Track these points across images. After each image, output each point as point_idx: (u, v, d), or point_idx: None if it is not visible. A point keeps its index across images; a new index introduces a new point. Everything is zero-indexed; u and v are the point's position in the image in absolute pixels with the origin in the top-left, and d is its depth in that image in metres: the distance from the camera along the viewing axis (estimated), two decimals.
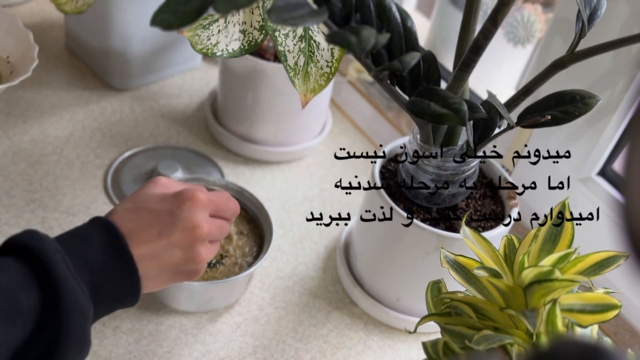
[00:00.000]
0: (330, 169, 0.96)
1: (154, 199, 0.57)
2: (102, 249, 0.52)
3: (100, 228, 0.54)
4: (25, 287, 0.48)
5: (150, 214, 0.56)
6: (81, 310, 0.49)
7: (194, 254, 0.57)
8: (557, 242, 0.54)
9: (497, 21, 0.56)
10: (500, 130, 0.65)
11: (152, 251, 0.55)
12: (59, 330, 0.48)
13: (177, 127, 0.96)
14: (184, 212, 0.56)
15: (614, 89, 0.73)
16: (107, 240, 0.53)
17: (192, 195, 0.57)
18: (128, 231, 0.54)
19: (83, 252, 0.52)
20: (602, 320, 0.51)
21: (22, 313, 0.47)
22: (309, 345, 0.72)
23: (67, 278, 0.49)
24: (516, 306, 0.51)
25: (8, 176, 0.84)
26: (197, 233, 0.56)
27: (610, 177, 0.79)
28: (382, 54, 0.61)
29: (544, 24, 0.96)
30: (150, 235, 0.55)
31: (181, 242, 0.56)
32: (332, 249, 0.84)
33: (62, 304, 0.48)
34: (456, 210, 0.71)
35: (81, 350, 0.50)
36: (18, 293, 0.47)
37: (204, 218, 0.57)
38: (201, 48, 0.68)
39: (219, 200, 0.60)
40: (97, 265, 0.52)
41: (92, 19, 0.94)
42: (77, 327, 0.49)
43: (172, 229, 0.56)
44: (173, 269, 0.57)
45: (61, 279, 0.49)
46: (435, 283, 0.59)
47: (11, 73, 0.80)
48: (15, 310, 0.47)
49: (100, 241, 0.53)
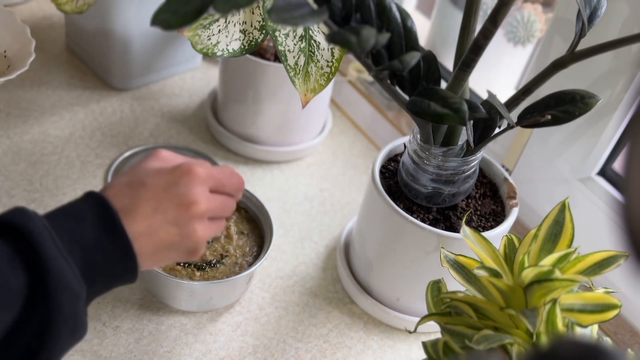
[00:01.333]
0: (330, 168, 0.96)
1: (151, 173, 0.54)
2: (94, 225, 0.50)
3: (93, 203, 0.51)
4: (13, 266, 0.46)
5: (145, 188, 0.53)
6: (71, 290, 0.47)
7: (189, 231, 0.54)
8: (557, 241, 0.54)
9: (497, 21, 0.56)
10: (500, 130, 0.65)
11: (147, 227, 0.52)
12: (49, 311, 0.46)
13: (178, 127, 0.96)
14: (181, 187, 0.53)
15: (614, 89, 0.73)
16: (99, 216, 0.50)
17: (190, 169, 0.54)
18: (122, 207, 0.52)
19: (73, 229, 0.49)
20: (602, 320, 0.51)
21: (10, 294, 0.45)
22: (309, 344, 0.72)
23: (55, 257, 0.47)
24: (516, 306, 0.51)
25: (8, 176, 0.84)
26: (193, 209, 0.53)
27: (610, 177, 0.79)
28: (382, 54, 0.61)
29: (544, 23, 0.96)
30: (145, 211, 0.52)
31: (177, 218, 0.53)
32: (332, 249, 0.84)
33: (50, 284, 0.46)
34: (456, 210, 0.71)
35: (75, 331, 0.48)
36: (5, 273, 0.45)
37: (201, 193, 0.54)
38: (201, 48, 0.68)
39: (221, 175, 0.57)
40: (89, 242, 0.49)
41: (92, 19, 0.94)
42: (68, 307, 0.47)
43: (168, 205, 0.53)
44: (169, 247, 0.54)
45: (48, 258, 0.46)
46: (435, 283, 0.59)
47: (8, 67, 0.80)
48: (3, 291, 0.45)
49: (92, 217, 0.50)
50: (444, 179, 0.68)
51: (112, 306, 0.72)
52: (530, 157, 0.83)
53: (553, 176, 0.81)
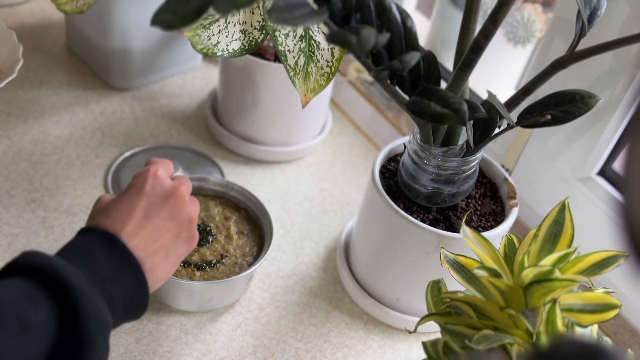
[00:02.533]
0: (330, 168, 0.96)
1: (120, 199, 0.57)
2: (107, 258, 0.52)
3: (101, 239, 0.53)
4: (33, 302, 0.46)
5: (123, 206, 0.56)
6: (102, 319, 0.48)
7: (187, 216, 0.58)
8: (557, 241, 0.54)
9: (497, 21, 0.56)
10: (500, 130, 0.65)
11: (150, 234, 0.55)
12: (82, 343, 0.47)
13: (178, 127, 0.96)
14: (156, 188, 0.57)
15: (614, 89, 0.73)
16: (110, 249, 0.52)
17: (147, 171, 0.58)
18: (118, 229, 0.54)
19: (90, 263, 0.51)
20: (602, 320, 0.51)
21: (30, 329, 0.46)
22: (309, 344, 0.72)
23: (83, 288, 0.48)
24: (516, 306, 0.51)
25: (9, 176, 0.84)
26: (179, 196, 0.58)
27: (610, 177, 0.79)
28: (382, 54, 0.61)
29: (544, 23, 0.96)
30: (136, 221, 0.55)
31: (171, 212, 0.57)
32: (332, 249, 0.84)
33: (83, 315, 0.47)
34: (456, 210, 0.71)
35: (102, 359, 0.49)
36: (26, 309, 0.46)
37: (172, 183, 0.59)
38: (202, 48, 0.68)
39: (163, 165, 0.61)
40: (107, 274, 0.51)
41: (93, 19, 0.94)
42: (99, 336, 0.48)
43: (156, 207, 0.56)
44: (174, 243, 0.57)
45: (79, 289, 0.47)
46: (435, 283, 0.59)
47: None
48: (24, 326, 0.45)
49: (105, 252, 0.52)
50: (444, 179, 0.68)
51: None
52: (530, 157, 0.83)
53: (553, 176, 0.81)
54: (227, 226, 0.76)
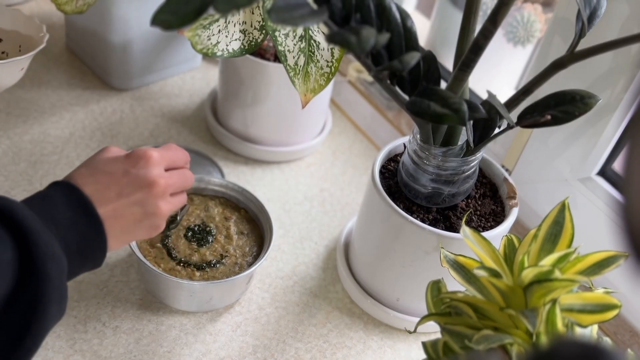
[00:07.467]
0: (330, 168, 0.96)
1: (107, 162, 0.59)
2: (67, 206, 0.54)
3: (62, 189, 0.55)
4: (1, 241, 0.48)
5: (106, 176, 0.57)
6: (58, 260, 0.50)
7: (154, 209, 0.59)
8: (557, 242, 0.54)
9: (497, 21, 0.56)
10: (500, 130, 0.65)
11: (113, 211, 0.56)
12: (39, 280, 0.49)
13: (177, 127, 0.96)
14: (140, 170, 0.58)
15: (614, 89, 0.73)
16: (70, 200, 0.54)
17: (145, 153, 0.59)
18: (88, 193, 0.55)
19: (48, 209, 0.53)
20: (602, 320, 0.51)
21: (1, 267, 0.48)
22: (309, 345, 0.72)
23: (39, 230, 0.50)
24: (516, 306, 0.51)
25: (8, 176, 0.84)
26: (155, 189, 0.58)
27: (610, 177, 0.79)
28: (382, 54, 0.61)
29: (543, 24, 0.96)
30: (109, 196, 0.56)
31: (141, 199, 0.58)
32: (332, 249, 0.84)
33: (39, 256, 0.49)
34: (456, 210, 0.71)
35: (60, 302, 0.51)
36: None
37: (159, 174, 0.59)
38: (201, 48, 0.68)
39: (169, 153, 0.62)
40: (64, 222, 0.53)
41: (92, 19, 0.94)
42: (56, 277, 0.50)
43: (131, 188, 0.57)
44: (134, 226, 0.58)
45: (35, 231, 0.49)
46: (435, 283, 0.59)
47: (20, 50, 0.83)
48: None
49: (64, 200, 0.54)
50: (443, 179, 0.68)
51: (112, 306, 0.72)
52: (530, 157, 0.83)
53: (553, 176, 0.81)
54: (227, 226, 0.76)
